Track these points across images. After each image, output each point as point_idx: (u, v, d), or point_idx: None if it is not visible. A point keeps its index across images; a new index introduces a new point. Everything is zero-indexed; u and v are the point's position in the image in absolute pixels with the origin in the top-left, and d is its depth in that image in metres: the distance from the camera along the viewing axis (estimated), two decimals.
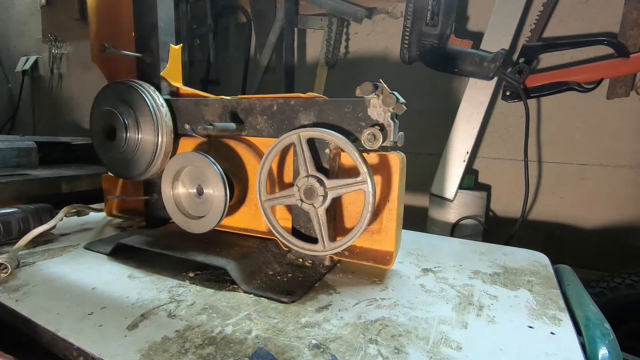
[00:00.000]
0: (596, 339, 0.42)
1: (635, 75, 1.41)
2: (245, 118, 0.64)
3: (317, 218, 0.56)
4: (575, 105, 1.51)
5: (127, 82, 0.67)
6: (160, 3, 0.68)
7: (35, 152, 1.28)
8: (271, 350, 0.39)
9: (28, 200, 0.99)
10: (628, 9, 1.37)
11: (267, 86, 2.03)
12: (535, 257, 0.70)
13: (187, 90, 0.70)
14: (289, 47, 1.85)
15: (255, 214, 0.67)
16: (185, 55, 2.09)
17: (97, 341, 0.40)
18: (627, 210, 1.48)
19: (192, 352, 0.38)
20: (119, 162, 0.70)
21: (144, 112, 0.65)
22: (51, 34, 2.81)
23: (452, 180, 1.58)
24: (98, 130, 0.69)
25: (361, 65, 1.88)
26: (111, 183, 0.84)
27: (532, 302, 0.51)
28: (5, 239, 0.66)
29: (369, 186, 0.52)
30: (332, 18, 1.84)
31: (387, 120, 0.53)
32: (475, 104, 1.54)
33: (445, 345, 0.41)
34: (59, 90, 2.94)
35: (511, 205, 1.65)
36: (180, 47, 0.73)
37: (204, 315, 0.45)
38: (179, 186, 0.64)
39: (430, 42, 1.45)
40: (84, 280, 0.55)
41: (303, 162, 0.55)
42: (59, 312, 0.46)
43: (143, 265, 0.60)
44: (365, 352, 0.39)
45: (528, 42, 1.50)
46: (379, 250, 0.60)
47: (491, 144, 1.68)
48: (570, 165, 1.55)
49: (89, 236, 0.75)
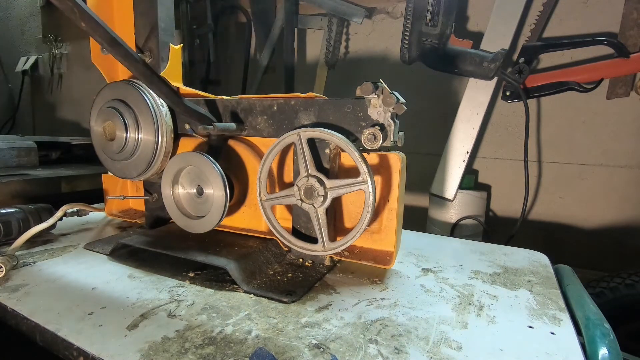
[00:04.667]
0: (596, 339, 0.42)
1: (635, 75, 1.41)
2: (246, 118, 0.64)
3: (317, 218, 0.56)
4: (575, 105, 1.51)
5: (127, 82, 0.67)
6: (160, 3, 0.68)
7: (35, 152, 1.28)
8: (271, 350, 0.39)
9: (28, 200, 0.99)
10: (628, 9, 1.37)
11: (267, 86, 2.03)
12: (535, 257, 0.70)
13: (187, 90, 0.70)
14: (289, 47, 1.85)
15: (255, 214, 0.67)
16: (185, 55, 2.09)
17: (97, 341, 0.40)
18: (627, 211, 1.48)
19: (192, 352, 0.38)
20: (119, 162, 0.70)
21: (144, 112, 0.65)
22: (51, 34, 2.81)
23: (452, 180, 1.58)
24: (98, 130, 0.69)
25: (361, 65, 1.88)
26: (111, 183, 0.84)
27: (532, 302, 0.51)
28: (5, 239, 0.66)
29: (369, 186, 0.52)
30: (332, 18, 1.84)
31: (387, 120, 0.53)
32: (475, 104, 1.54)
33: (445, 345, 0.41)
34: (59, 90, 2.94)
35: (511, 205, 1.65)
36: (180, 47, 0.73)
37: (204, 315, 0.45)
38: (178, 186, 0.64)
39: (430, 42, 1.45)
40: (84, 280, 0.55)
41: (303, 162, 0.55)
42: (59, 312, 0.46)
43: (143, 265, 0.60)
44: (365, 352, 0.39)
45: (528, 42, 1.50)
46: (379, 250, 0.60)
47: (491, 144, 1.68)
48: (570, 165, 1.55)
49: (89, 236, 0.75)
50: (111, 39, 0.46)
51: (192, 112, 0.60)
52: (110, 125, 0.67)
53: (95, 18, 0.44)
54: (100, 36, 0.46)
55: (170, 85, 0.57)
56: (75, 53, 2.83)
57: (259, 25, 2.01)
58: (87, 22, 0.43)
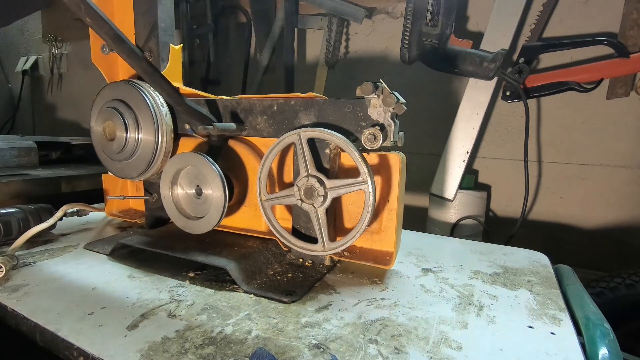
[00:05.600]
0: (596, 339, 0.42)
1: (635, 75, 1.41)
2: (245, 118, 0.64)
3: (317, 218, 0.56)
4: (575, 105, 1.51)
5: (127, 82, 0.67)
6: (160, 3, 0.68)
7: (35, 152, 1.28)
8: (271, 350, 0.39)
9: (28, 200, 0.99)
10: (628, 9, 1.37)
11: (267, 86, 2.03)
12: (535, 257, 0.70)
13: (187, 90, 0.70)
14: (289, 47, 1.85)
15: (255, 214, 0.67)
16: (185, 55, 2.09)
17: (97, 341, 0.40)
18: (627, 211, 1.48)
19: (192, 352, 0.38)
20: (119, 162, 0.70)
21: (144, 112, 0.65)
22: (51, 34, 2.81)
23: (452, 180, 1.58)
24: (98, 130, 0.69)
25: (361, 65, 1.88)
26: (111, 183, 0.84)
27: (532, 302, 0.51)
28: (5, 239, 0.66)
29: (369, 186, 0.52)
30: (332, 18, 1.84)
31: (387, 120, 0.53)
32: (475, 104, 1.54)
33: (445, 345, 0.41)
34: (59, 90, 2.94)
35: (511, 205, 1.65)
36: (180, 47, 0.73)
37: (204, 316, 0.45)
38: (177, 187, 0.64)
39: (430, 42, 1.45)
40: (84, 280, 0.55)
41: (303, 162, 0.55)
42: (59, 312, 0.46)
43: (143, 266, 0.60)
44: (365, 352, 0.39)
45: (528, 42, 1.50)
46: (378, 251, 0.60)
47: (491, 144, 1.68)
48: (570, 165, 1.55)
49: (89, 236, 0.75)
50: (115, 35, 0.47)
51: (193, 112, 0.60)
52: (110, 125, 0.67)
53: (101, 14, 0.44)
54: (105, 32, 0.46)
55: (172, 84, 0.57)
56: (75, 53, 2.83)
57: (259, 25, 2.01)
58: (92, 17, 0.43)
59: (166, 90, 0.55)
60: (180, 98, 0.57)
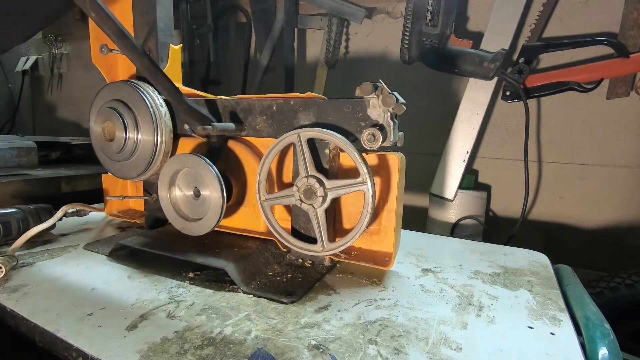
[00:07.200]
0: (596, 339, 0.42)
1: (635, 75, 1.41)
2: (245, 118, 0.64)
3: (317, 218, 0.56)
4: (575, 105, 1.51)
5: (126, 82, 0.67)
6: (159, 3, 0.68)
7: (35, 152, 1.28)
8: (270, 351, 0.39)
9: (28, 200, 0.99)
10: (628, 9, 1.37)
11: (267, 86, 2.03)
12: (535, 257, 0.70)
13: (186, 91, 0.70)
14: (289, 47, 1.85)
15: (254, 214, 0.67)
16: (185, 55, 2.09)
17: (97, 342, 0.40)
18: (627, 211, 1.48)
19: (192, 353, 0.38)
20: (118, 162, 0.70)
21: (143, 112, 0.65)
22: (51, 34, 2.81)
23: (452, 180, 1.58)
24: (97, 130, 0.69)
25: (361, 65, 1.88)
26: (111, 183, 0.84)
27: (532, 302, 0.51)
28: (5, 239, 0.66)
29: (368, 187, 0.51)
30: (332, 18, 1.84)
31: (386, 120, 0.53)
32: (475, 104, 1.54)
33: (445, 346, 0.40)
34: (59, 90, 2.94)
35: (511, 205, 1.65)
36: (179, 47, 0.73)
37: (203, 316, 0.45)
38: (175, 188, 0.64)
39: (430, 42, 1.45)
40: (83, 280, 0.55)
41: (303, 162, 0.55)
42: (59, 312, 0.46)
43: (142, 266, 0.60)
44: (364, 353, 0.39)
45: (528, 42, 1.50)
46: (378, 252, 0.60)
47: (491, 144, 1.68)
48: (570, 165, 1.55)
49: (88, 236, 0.75)
50: (119, 31, 0.46)
51: (193, 111, 0.60)
52: (109, 126, 0.67)
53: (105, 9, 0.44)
54: (108, 27, 0.45)
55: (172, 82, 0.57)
56: (75, 53, 2.83)
57: (259, 25, 2.01)
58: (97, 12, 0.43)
59: (167, 88, 0.55)
60: (181, 96, 0.57)
